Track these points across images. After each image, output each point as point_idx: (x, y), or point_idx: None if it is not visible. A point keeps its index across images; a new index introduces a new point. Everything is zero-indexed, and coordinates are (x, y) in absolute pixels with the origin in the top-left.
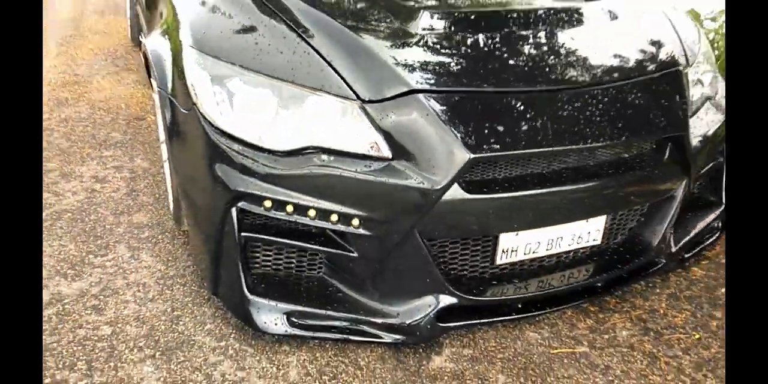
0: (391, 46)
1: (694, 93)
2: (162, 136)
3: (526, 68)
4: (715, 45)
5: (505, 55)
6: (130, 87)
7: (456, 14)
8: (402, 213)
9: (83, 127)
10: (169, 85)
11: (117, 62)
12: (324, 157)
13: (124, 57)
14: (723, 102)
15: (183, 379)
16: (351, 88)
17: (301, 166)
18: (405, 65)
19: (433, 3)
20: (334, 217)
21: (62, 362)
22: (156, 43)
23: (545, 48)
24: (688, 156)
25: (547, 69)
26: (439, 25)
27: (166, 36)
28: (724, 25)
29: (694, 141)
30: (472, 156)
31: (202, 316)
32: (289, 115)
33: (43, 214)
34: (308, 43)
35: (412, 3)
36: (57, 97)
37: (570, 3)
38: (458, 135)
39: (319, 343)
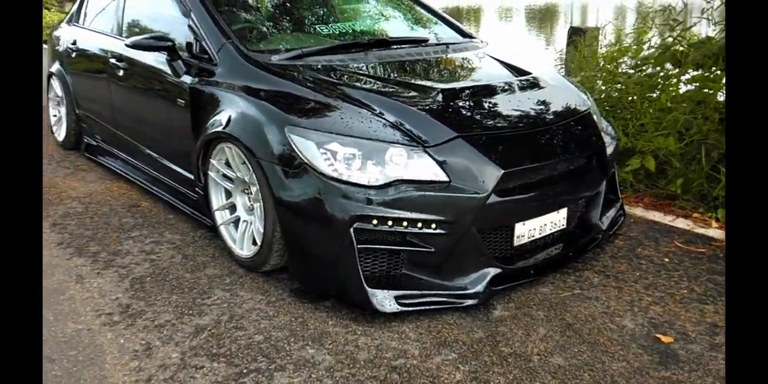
0: (433, 110)
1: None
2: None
3: (515, 117)
4: None
5: (497, 110)
6: (100, 183)
7: (457, 89)
8: (465, 214)
9: (90, 219)
10: (274, 154)
11: (64, 164)
12: (404, 186)
13: (67, 160)
14: (611, 130)
15: (341, 350)
16: (414, 139)
17: (392, 192)
18: (447, 121)
19: (441, 85)
20: (420, 224)
21: (246, 359)
22: (240, 129)
23: (517, 104)
24: (605, 164)
25: (524, 116)
26: (451, 96)
27: (249, 123)
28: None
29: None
30: (504, 171)
31: (321, 318)
32: (376, 161)
33: (126, 281)
34: (376, 114)
35: (429, 85)
36: None
37: (521, 77)
38: (491, 160)
39: (414, 316)
